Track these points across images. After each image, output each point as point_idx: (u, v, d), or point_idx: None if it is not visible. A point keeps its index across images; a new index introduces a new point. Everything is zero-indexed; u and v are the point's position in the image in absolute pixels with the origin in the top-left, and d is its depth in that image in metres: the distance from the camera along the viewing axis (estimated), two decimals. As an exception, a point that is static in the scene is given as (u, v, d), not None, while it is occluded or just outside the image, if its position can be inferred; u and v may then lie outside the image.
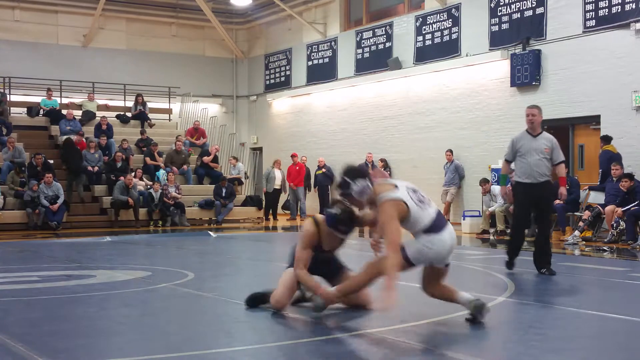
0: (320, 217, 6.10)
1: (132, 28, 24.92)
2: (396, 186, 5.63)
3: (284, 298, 6.04)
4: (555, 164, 8.60)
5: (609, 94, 14.85)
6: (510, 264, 8.88)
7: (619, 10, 14.80)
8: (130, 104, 23.23)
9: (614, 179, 13.54)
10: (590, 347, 5.03)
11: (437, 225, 5.58)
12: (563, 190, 8.77)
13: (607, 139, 14.19)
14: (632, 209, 12.69)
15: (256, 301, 6.29)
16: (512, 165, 8.92)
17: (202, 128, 22.68)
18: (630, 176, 13.16)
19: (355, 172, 5.72)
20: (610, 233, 12.94)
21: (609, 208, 13.09)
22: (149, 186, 18.90)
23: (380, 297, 5.22)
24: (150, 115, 23.01)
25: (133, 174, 18.72)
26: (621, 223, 12.79)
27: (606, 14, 15.05)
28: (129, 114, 22.80)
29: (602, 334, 5.52)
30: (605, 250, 11.83)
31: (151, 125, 22.59)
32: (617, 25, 14.84)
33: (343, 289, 5.84)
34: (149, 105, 23.26)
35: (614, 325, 5.78)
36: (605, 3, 15.05)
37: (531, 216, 9.27)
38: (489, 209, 15.24)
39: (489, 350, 5.00)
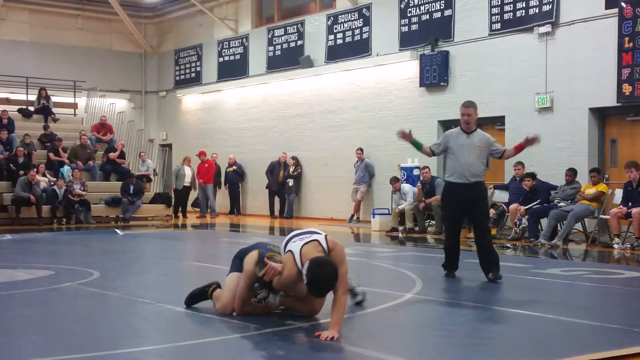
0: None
1: (36, 19, 24.10)
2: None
3: (230, 305, 5.77)
4: (502, 151, 8.20)
5: (513, 95, 15.30)
6: (450, 271, 8.24)
7: (523, 15, 15.27)
8: (33, 97, 22.45)
9: (517, 178, 13.96)
10: (495, 342, 5.15)
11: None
12: (524, 142, 8.10)
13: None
14: (534, 207, 13.11)
15: (196, 299, 6.12)
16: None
17: (109, 123, 22.14)
18: (532, 175, 13.60)
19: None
20: (513, 230, 13.33)
21: (512, 206, 13.48)
22: (52, 182, 18.31)
23: (327, 332, 5.05)
24: (55, 110, 22.31)
25: (35, 169, 18.09)
26: (524, 221, 13.21)
27: (511, 17, 15.51)
28: (31, 108, 22.04)
29: (506, 329, 5.67)
30: (508, 247, 12.18)
31: (55, 120, 21.91)
32: (521, 29, 15.31)
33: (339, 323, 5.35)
34: (53, 99, 22.54)
35: (517, 320, 5.93)
36: (510, 7, 15.51)
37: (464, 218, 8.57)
38: (399, 207, 15.46)
39: (397, 347, 5.05)
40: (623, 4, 13.52)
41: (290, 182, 20.09)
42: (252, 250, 5.82)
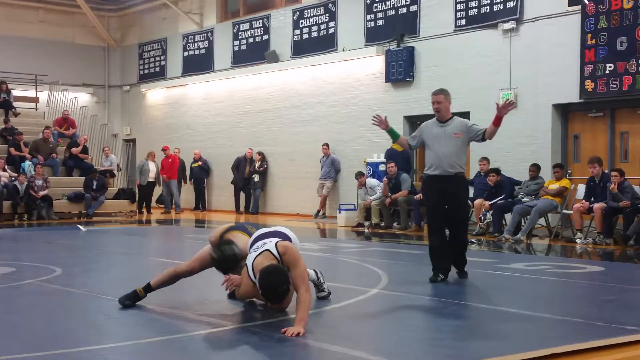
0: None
1: (-4, 12, 23.68)
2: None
3: (190, 266, 6.06)
4: (483, 131, 7.56)
5: (478, 91, 15.40)
6: (435, 274, 7.51)
7: (487, 11, 15.38)
8: (-7, 91, 22.05)
9: (481, 173, 14.07)
10: (458, 337, 5.17)
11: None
12: (498, 111, 7.49)
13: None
14: (498, 202, 13.22)
15: (127, 303, 5.99)
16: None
17: (71, 118, 21.84)
18: (497, 171, 13.71)
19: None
20: (478, 226, 13.43)
21: (477, 201, 13.58)
22: (13, 178, 18.01)
23: (293, 328, 5.03)
24: (16, 104, 21.93)
25: (-4, 164, 17.79)
26: (488, 216, 13.31)
27: (476, 14, 15.61)
28: (-8, 102, 21.65)
29: (469, 324, 5.70)
30: (473, 243, 12.25)
31: (16, 115, 21.54)
32: (486, 25, 15.43)
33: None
34: (14, 93, 22.15)
35: (481, 315, 5.97)
36: (475, 3, 15.61)
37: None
38: (367, 199, 15.46)
39: (362, 342, 5.04)
40: (586, 1, 13.68)
41: (256, 177, 20.02)
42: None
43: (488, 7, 15.37)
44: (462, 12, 15.87)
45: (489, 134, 7.60)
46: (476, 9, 15.60)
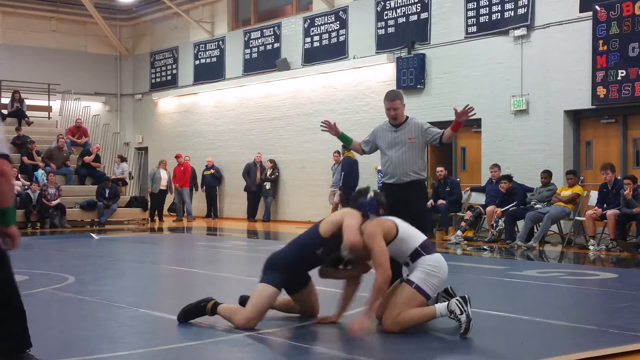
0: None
1: (9, 22, 23.86)
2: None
3: (254, 316, 5.37)
4: (440, 135, 6.85)
5: (489, 98, 15.38)
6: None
7: (498, 18, 15.37)
8: (6, 100, 22.19)
9: (493, 180, 14.04)
10: (471, 344, 5.15)
11: (429, 247, 5.45)
12: (456, 117, 6.70)
13: (347, 147, 15.21)
14: (510, 209, 13.18)
15: (190, 315, 5.64)
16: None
17: (84, 127, 21.94)
18: (508, 178, 13.67)
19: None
20: (490, 232, 13.39)
21: (489, 208, 13.54)
22: (26, 187, 18.11)
23: (356, 321, 5.07)
24: (29, 113, 22.03)
25: (9, 173, 17.84)
26: (500, 223, 13.27)
27: (487, 20, 15.60)
28: (5, 111, 21.76)
29: (482, 331, 5.67)
30: (485, 250, 12.22)
31: (29, 123, 21.66)
32: (496, 32, 15.41)
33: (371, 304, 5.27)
34: (27, 102, 22.28)
35: (494, 322, 5.95)
36: (486, 10, 15.60)
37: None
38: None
39: (373, 348, 5.03)
40: (597, 7, 13.64)
41: (268, 185, 20.05)
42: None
43: (499, 13, 15.36)
44: (472, 19, 15.86)
45: (447, 138, 6.89)
46: (487, 16, 15.59)
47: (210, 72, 22.87)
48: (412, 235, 5.45)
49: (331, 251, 5.46)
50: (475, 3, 15.78)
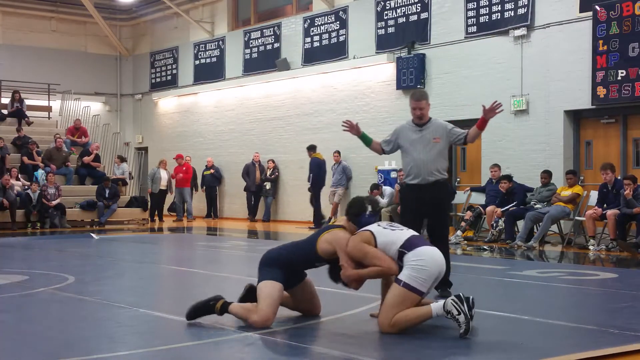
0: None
1: (8, 22, 23.85)
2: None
3: (272, 314, 5.43)
4: (465, 135, 7.01)
5: (489, 98, 15.12)
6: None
7: (498, 18, 15.37)
8: (6, 100, 22.18)
9: (493, 180, 14.03)
10: (472, 344, 5.14)
11: (413, 243, 5.37)
12: (484, 114, 6.87)
13: (313, 148, 17.10)
14: (510, 209, 13.17)
15: (199, 313, 5.63)
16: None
17: (83, 127, 21.94)
18: (508, 178, 13.67)
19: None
20: (490, 232, 13.38)
21: (489, 208, 13.54)
22: (26, 187, 18.11)
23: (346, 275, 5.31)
24: (29, 113, 22.03)
25: (9, 173, 17.86)
26: (500, 223, 13.27)
27: (487, 20, 15.60)
28: (4, 111, 21.78)
29: (483, 331, 5.67)
30: (485, 250, 12.22)
31: (29, 124, 21.65)
32: (496, 32, 15.40)
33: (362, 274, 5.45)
34: (27, 102, 22.28)
35: (494, 322, 5.94)
36: (486, 10, 15.59)
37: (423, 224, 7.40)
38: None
39: (375, 348, 5.03)
40: (597, 7, 13.64)
41: (268, 185, 20.05)
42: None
43: (499, 13, 15.36)
44: (472, 19, 15.86)
45: (472, 137, 7.03)
46: (487, 16, 15.59)
47: (210, 72, 22.87)
48: (392, 240, 5.40)
49: (337, 271, 5.55)
50: (475, 3, 15.78)
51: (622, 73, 13.31)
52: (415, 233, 5.58)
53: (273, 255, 5.67)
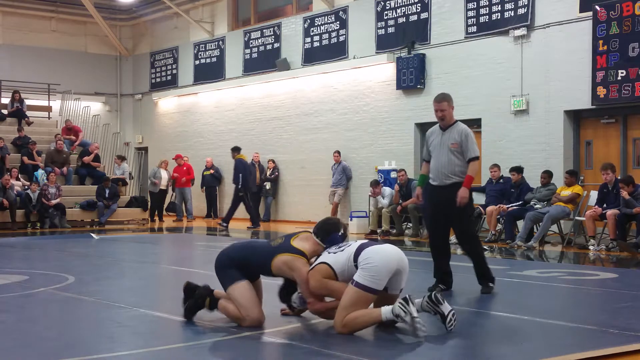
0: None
1: (8, 22, 23.85)
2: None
3: (258, 312, 5.51)
4: (469, 159, 7.16)
5: (489, 98, 15.38)
6: (435, 284, 7.31)
7: (498, 18, 15.37)
8: (6, 100, 22.18)
9: (493, 180, 14.03)
10: (472, 344, 5.15)
11: (360, 249, 5.40)
12: (462, 191, 7.03)
13: (237, 150, 17.54)
14: (510, 209, 13.16)
15: (193, 310, 5.71)
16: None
17: (75, 126, 21.87)
18: (518, 169, 13.54)
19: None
20: (490, 232, 13.38)
21: (489, 209, 13.53)
22: (26, 187, 18.11)
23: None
24: (29, 113, 22.04)
25: (9, 173, 17.86)
26: (500, 221, 13.26)
27: (487, 20, 15.60)
28: (5, 112, 21.78)
29: (483, 331, 5.69)
30: (485, 250, 12.19)
31: (29, 124, 21.65)
32: (497, 32, 15.40)
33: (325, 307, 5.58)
34: (27, 102, 22.28)
35: (494, 322, 5.95)
36: (486, 10, 15.59)
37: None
38: (378, 205, 15.43)
39: (376, 349, 5.03)
40: (597, 7, 13.64)
41: (268, 185, 20.05)
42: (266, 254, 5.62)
43: (499, 13, 15.36)
44: (472, 19, 15.86)
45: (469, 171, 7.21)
46: (487, 16, 15.59)
47: (210, 72, 22.88)
48: (344, 261, 5.41)
49: (289, 292, 5.76)
50: (475, 3, 15.78)
51: (622, 73, 13.31)
52: (364, 241, 5.58)
53: (223, 258, 5.68)
